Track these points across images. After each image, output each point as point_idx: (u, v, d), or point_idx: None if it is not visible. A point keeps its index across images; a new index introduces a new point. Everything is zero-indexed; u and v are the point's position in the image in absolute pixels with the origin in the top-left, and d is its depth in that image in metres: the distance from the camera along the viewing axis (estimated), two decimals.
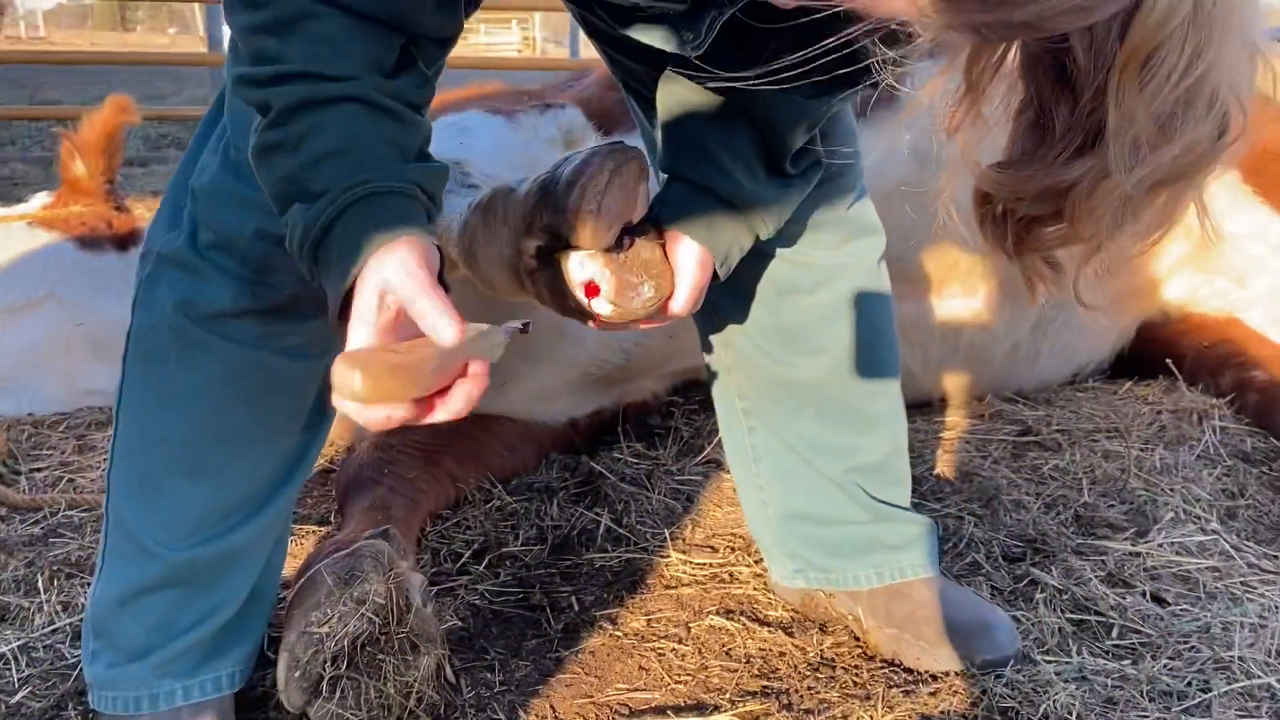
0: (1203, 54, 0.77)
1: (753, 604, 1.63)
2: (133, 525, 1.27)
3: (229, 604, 1.31)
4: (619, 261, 1.15)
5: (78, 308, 2.41)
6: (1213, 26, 0.77)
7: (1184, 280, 2.56)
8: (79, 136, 2.65)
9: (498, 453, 1.99)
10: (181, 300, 1.21)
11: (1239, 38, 0.79)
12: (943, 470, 2.08)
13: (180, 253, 1.22)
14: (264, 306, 1.21)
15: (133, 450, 1.27)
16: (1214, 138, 0.81)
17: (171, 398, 1.24)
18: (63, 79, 12.15)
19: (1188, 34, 0.76)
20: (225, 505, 1.27)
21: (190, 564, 1.26)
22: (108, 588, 1.29)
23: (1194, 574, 1.67)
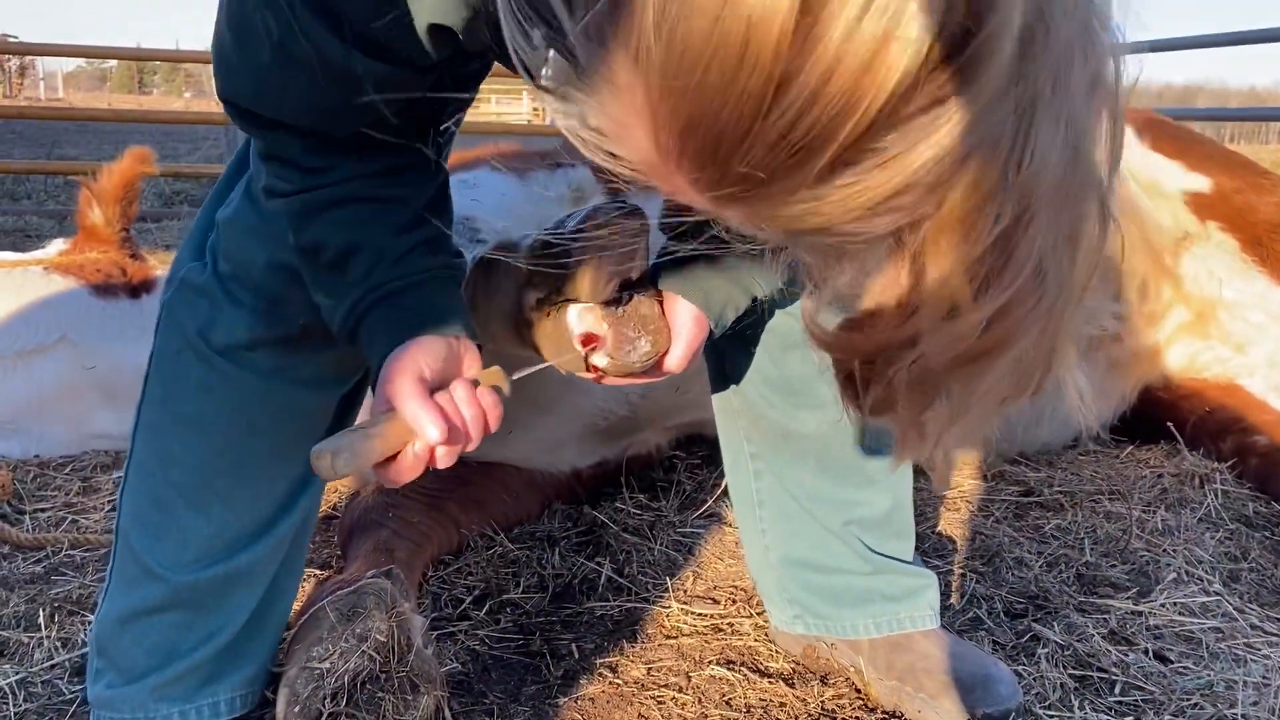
0: (1024, 217, 0.72)
1: (754, 655, 1.62)
2: (139, 546, 1.28)
3: (228, 626, 1.31)
4: (617, 316, 1.17)
5: (89, 352, 2.44)
6: (1037, 189, 0.71)
7: (1184, 347, 2.59)
8: (97, 185, 2.70)
9: (501, 500, 1.99)
10: (201, 328, 1.25)
11: (1072, 198, 0.74)
12: (945, 528, 2.08)
13: (201, 281, 1.26)
14: (278, 337, 1.24)
15: (145, 472, 1.29)
16: (1030, 303, 0.76)
17: (185, 422, 1.26)
18: (79, 137, 12.38)
19: (1006, 195, 0.71)
20: (231, 531, 1.28)
21: (192, 586, 1.27)
22: (111, 607, 1.31)
23: (1196, 634, 1.66)
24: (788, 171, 0.67)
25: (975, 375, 0.81)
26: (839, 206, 0.69)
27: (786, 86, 0.63)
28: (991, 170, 0.69)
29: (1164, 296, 2.57)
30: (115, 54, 8.97)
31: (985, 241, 0.72)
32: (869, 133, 0.65)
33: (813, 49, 0.62)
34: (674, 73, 0.65)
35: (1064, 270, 0.76)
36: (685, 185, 0.72)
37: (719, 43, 0.62)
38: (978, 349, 0.77)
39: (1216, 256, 2.58)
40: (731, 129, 0.65)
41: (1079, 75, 0.71)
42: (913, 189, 0.69)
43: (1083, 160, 0.74)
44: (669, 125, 0.68)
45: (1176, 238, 2.60)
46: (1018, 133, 0.69)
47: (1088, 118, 0.73)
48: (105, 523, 2.05)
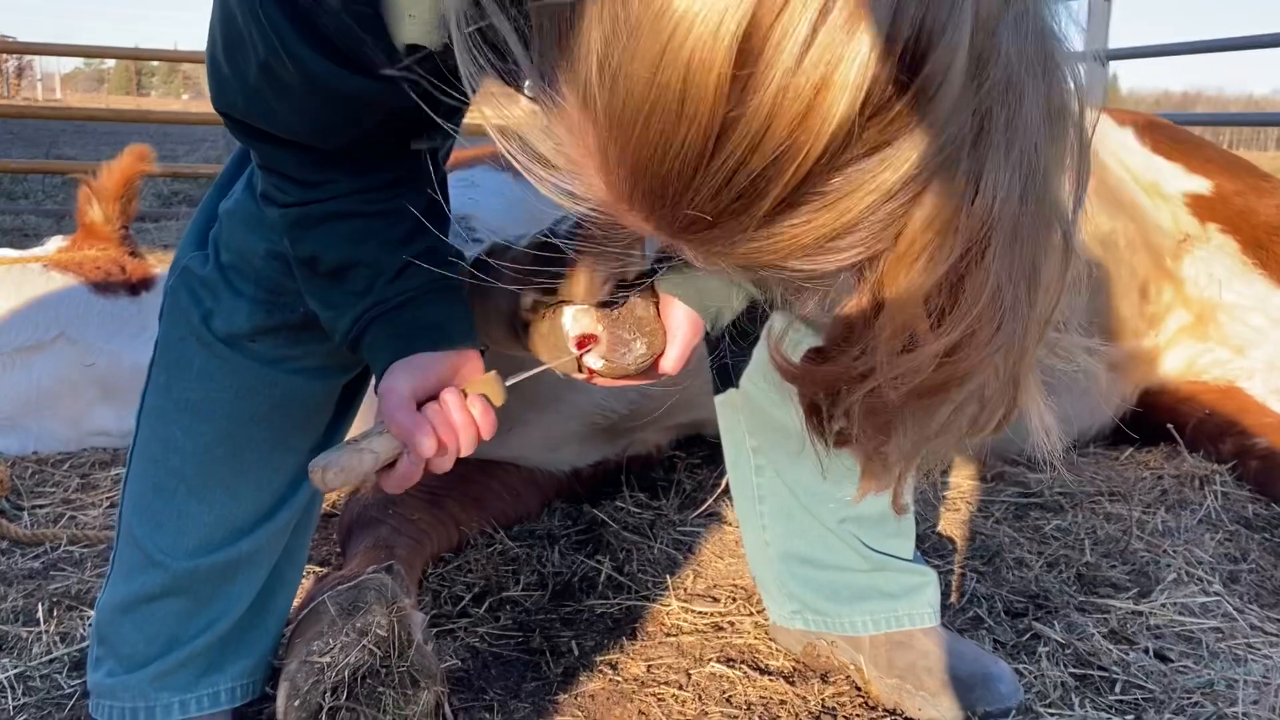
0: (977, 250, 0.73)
1: (754, 653, 1.62)
2: (140, 533, 1.28)
3: (229, 614, 1.31)
4: (613, 317, 1.18)
5: (88, 349, 2.44)
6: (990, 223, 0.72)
7: (1184, 349, 2.59)
8: (97, 183, 2.70)
9: (501, 498, 1.99)
10: (204, 315, 1.26)
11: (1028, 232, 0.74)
12: (945, 528, 2.08)
13: (204, 271, 1.26)
14: (279, 325, 1.24)
15: (147, 458, 1.29)
16: (986, 338, 0.76)
17: (188, 409, 1.26)
18: (77, 138, 12.37)
19: (959, 230, 0.71)
20: (232, 518, 1.28)
21: (192, 573, 1.27)
22: (113, 594, 1.30)
23: (1197, 633, 1.66)
24: (733, 214, 0.69)
25: (932, 409, 0.82)
26: (787, 245, 0.71)
27: (726, 136, 0.64)
28: (946, 205, 0.70)
29: (1164, 298, 2.57)
30: (113, 53, 8.98)
31: (939, 274, 0.73)
32: (810, 178, 0.66)
33: (749, 100, 0.63)
34: (618, 120, 0.67)
35: (1023, 304, 0.77)
36: (640, 223, 0.74)
37: (658, 94, 0.64)
38: (934, 382, 0.78)
39: (1217, 259, 2.59)
40: (675, 175, 0.67)
41: (1034, 108, 0.72)
42: (860, 228, 0.70)
43: (1041, 191, 0.75)
44: (618, 167, 0.70)
45: (1177, 240, 2.61)
46: (971, 167, 0.70)
47: (1049, 149, 0.74)
48: (104, 519, 2.04)
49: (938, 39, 0.64)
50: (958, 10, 0.64)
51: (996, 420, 0.84)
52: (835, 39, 0.61)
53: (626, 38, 0.64)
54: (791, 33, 0.61)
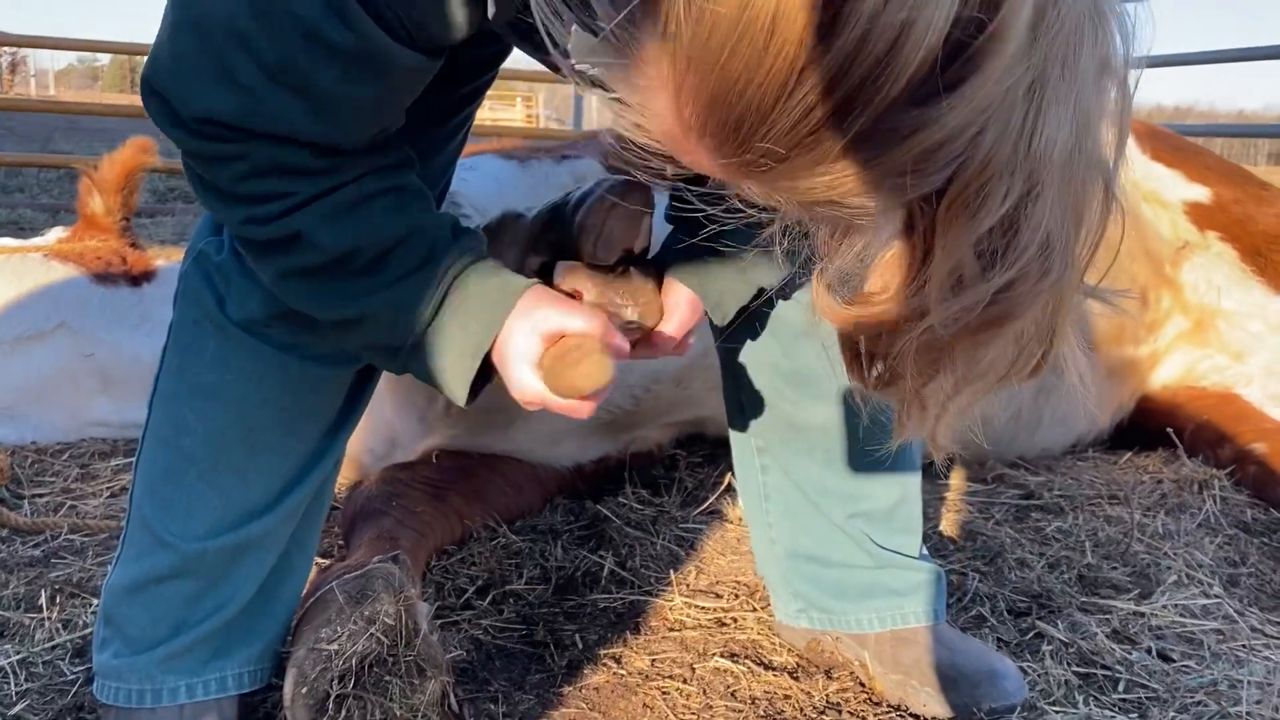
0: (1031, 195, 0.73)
1: (757, 648, 1.62)
2: (150, 514, 1.28)
3: (237, 598, 1.30)
4: (606, 280, 1.19)
5: (88, 339, 2.43)
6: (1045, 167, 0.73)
7: (1183, 355, 2.61)
8: (98, 174, 2.69)
9: (504, 492, 1.99)
10: (218, 300, 1.25)
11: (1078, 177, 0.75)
12: (946, 529, 2.08)
13: (219, 257, 1.26)
14: (292, 311, 1.23)
15: (159, 440, 1.29)
16: (1035, 278, 0.77)
17: (201, 392, 1.26)
18: (71, 133, 12.32)
19: (1015, 173, 0.72)
20: (242, 501, 1.28)
21: (200, 555, 1.27)
22: (122, 575, 1.30)
23: (1198, 635, 1.67)
24: (807, 149, 0.69)
25: (980, 347, 0.82)
26: (854, 181, 0.71)
27: (810, 70, 0.64)
28: (1002, 149, 0.71)
29: (1163, 305, 2.59)
30: (107, 48, 8.96)
31: (994, 217, 0.73)
32: (889, 112, 0.67)
33: (838, 34, 0.63)
34: (700, 52, 0.66)
35: (1070, 248, 0.78)
36: (705, 158, 0.74)
37: (746, 26, 0.64)
38: (984, 320, 0.79)
39: (1215, 266, 2.60)
40: (754, 109, 0.67)
41: (1088, 57, 0.72)
42: (925, 164, 0.70)
43: (1089, 141, 0.75)
44: (693, 101, 0.69)
45: (1176, 247, 2.62)
46: (1028, 112, 0.71)
47: (1096, 99, 0.75)
48: (104, 509, 2.04)
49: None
50: None
51: (1034, 363, 0.85)
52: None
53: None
54: None
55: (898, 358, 0.86)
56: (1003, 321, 0.79)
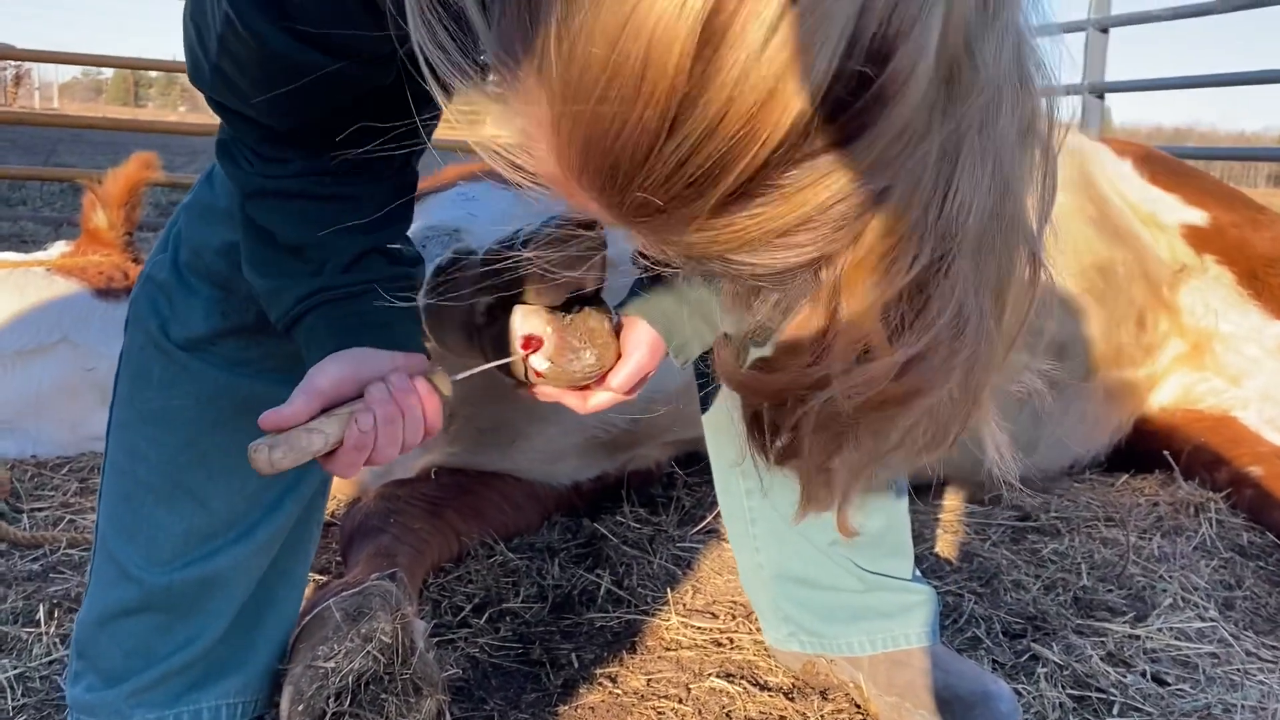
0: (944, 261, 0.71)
1: (753, 669, 1.62)
2: (114, 546, 1.26)
3: (208, 632, 1.28)
4: (564, 323, 1.18)
5: (90, 354, 2.44)
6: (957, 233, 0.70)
7: (1180, 378, 2.62)
8: (102, 189, 2.71)
9: (502, 510, 1.99)
10: (161, 324, 1.24)
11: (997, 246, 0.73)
12: (942, 550, 2.09)
13: (162, 276, 1.24)
14: (235, 327, 1.22)
15: (117, 470, 1.27)
16: (946, 352, 0.74)
17: (151, 418, 1.24)
18: (75, 147, 12.36)
19: (925, 237, 0.69)
20: (205, 529, 1.25)
21: (167, 588, 1.24)
22: (90, 608, 1.28)
23: (1193, 658, 1.67)
24: (684, 201, 0.66)
25: (886, 422, 0.79)
26: (738, 238, 0.69)
27: (683, 118, 0.62)
28: (910, 211, 0.69)
29: (1161, 328, 2.60)
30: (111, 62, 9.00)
31: (901, 283, 0.71)
32: (766, 168, 0.64)
33: (710, 82, 0.61)
34: (573, 94, 0.64)
35: (987, 320, 0.75)
36: (587, 203, 0.71)
37: (616, 69, 0.62)
38: (890, 394, 0.76)
39: (1213, 289, 2.61)
40: (628, 155, 0.65)
41: (1008, 120, 0.71)
42: (814, 225, 0.68)
43: (1010, 207, 0.73)
44: (570, 143, 0.67)
45: (1174, 270, 2.63)
46: (939, 175, 0.69)
47: (1017, 164, 0.73)
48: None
49: (903, 39, 0.62)
50: (926, 12, 0.63)
51: (950, 438, 0.82)
52: (804, 22, 0.60)
53: (588, 8, 0.62)
54: (758, 16, 0.59)
55: (798, 430, 0.82)
56: (911, 397, 0.76)
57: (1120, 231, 2.59)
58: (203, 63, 1.03)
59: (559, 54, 0.64)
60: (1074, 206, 2.52)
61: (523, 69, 0.68)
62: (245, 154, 1.09)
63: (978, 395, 0.80)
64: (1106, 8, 5.25)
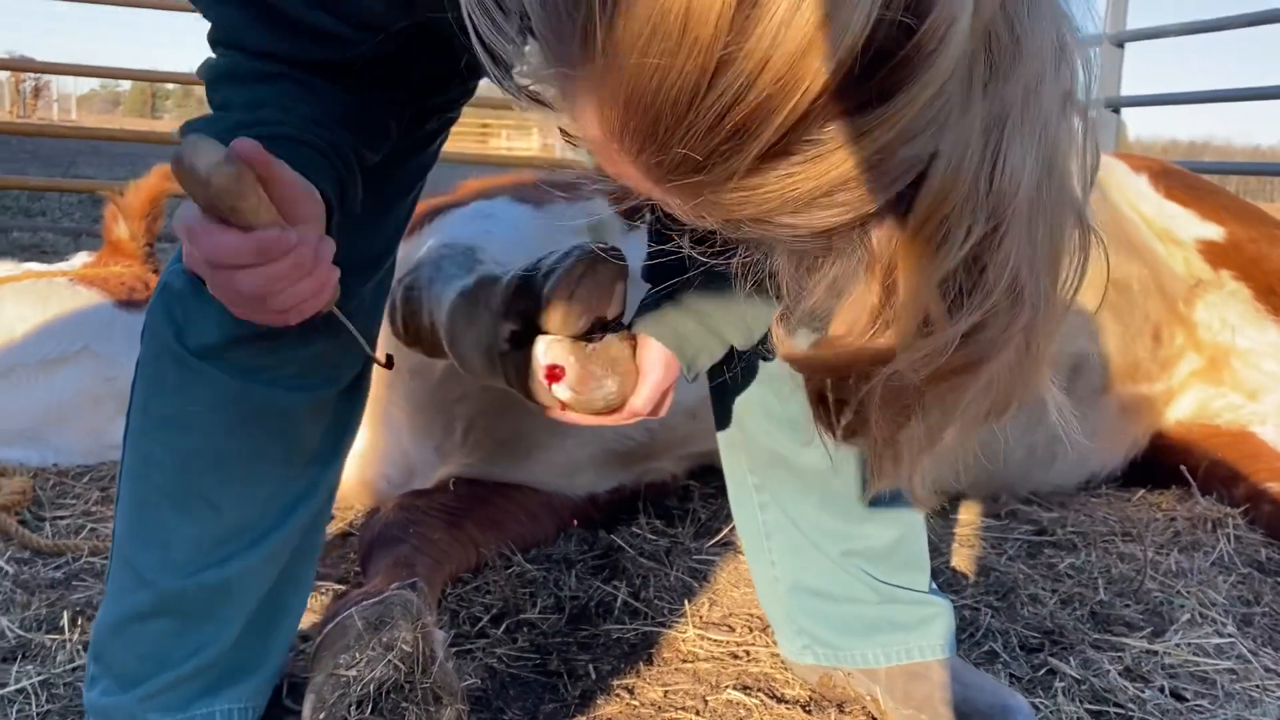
0: (997, 232, 0.72)
1: (770, 681, 1.63)
2: (129, 551, 1.27)
3: (220, 637, 1.28)
4: (585, 352, 1.19)
5: (111, 364, 2.46)
6: (1009, 202, 0.71)
7: (1196, 393, 2.61)
8: (124, 200, 2.74)
9: (519, 521, 2.00)
10: (177, 332, 1.24)
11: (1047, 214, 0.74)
12: (958, 563, 2.09)
13: (179, 283, 1.25)
14: (250, 334, 1.22)
15: (132, 476, 1.28)
16: (1005, 319, 0.75)
17: (165, 424, 1.25)
18: (94, 158, 12.47)
19: (978, 209, 0.70)
20: (217, 535, 1.26)
21: (180, 593, 1.25)
22: (107, 613, 1.29)
23: (1211, 674, 1.67)
24: (724, 156, 0.67)
25: (952, 392, 0.80)
26: (776, 196, 0.69)
27: (723, 69, 0.63)
28: (959, 181, 0.69)
29: (1177, 342, 2.60)
30: (128, 74, 9.08)
31: (957, 255, 0.72)
32: (804, 122, 0.65)
33: (750, 33, 0.62)
34: (616, 50, 0.65)
35: (1043, 287, 0.76)
36: (627, 165, 0.72)
37: (658, 22, 0.63)
38: (953, 365, 0.77)
39: (1229, 305, 2.61)
40: (669, 109, 0.66)
41: (1051, 89, 0.71)
42: (854, 185, 0.69)
43: (1057, 175, 0.74)
44: (612, 100, 0.68)
45: (1190, 285, 2.63)
46: (987, 145, 0.69)
47: (1061, 132, 0.74)
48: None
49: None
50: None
51: (1013, 405, 0.83)
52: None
53: None
54: None
55: (864, 405, 0.83)
56: (975, 366, 0.77)
57: (1136, 246, 2.59)
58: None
59: (603, 15, 0.65)
60: None
61: (571, 34, 0.69)
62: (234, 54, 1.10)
63: (1039, 360, 0.81)
64: (1122, 22, 5.26)
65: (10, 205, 7.61)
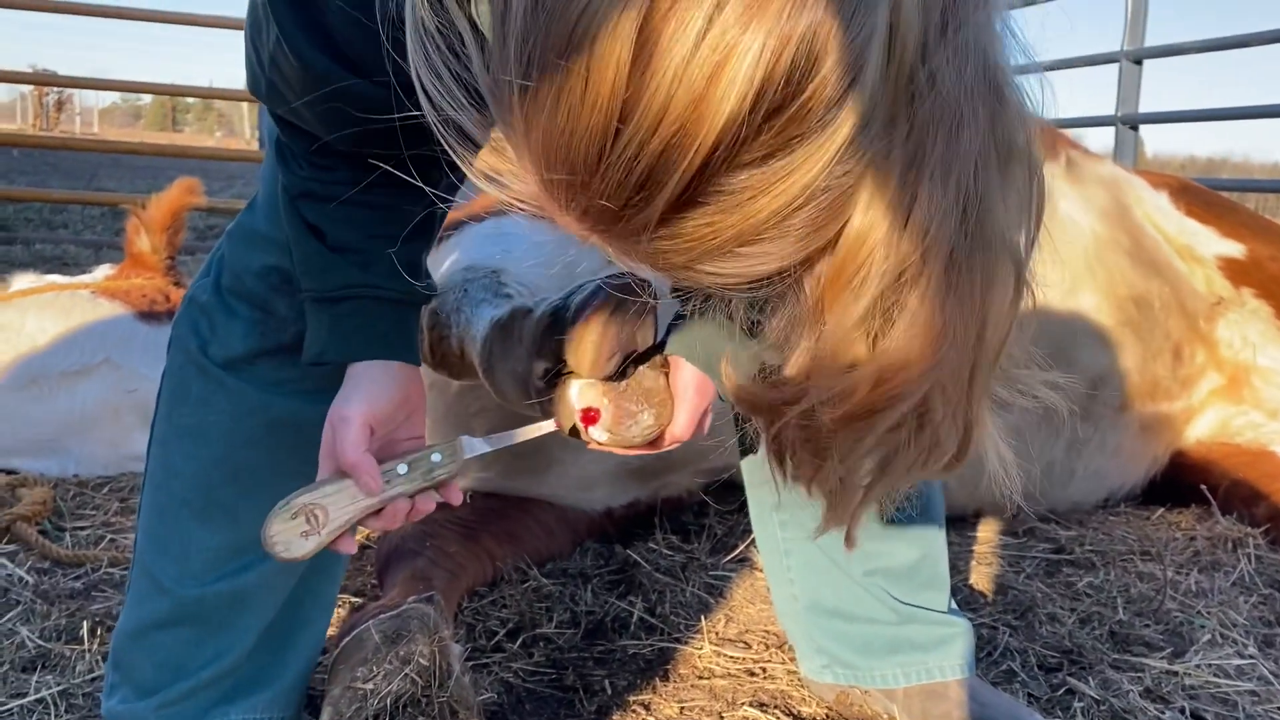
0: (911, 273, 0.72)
1: (786, 699, 1.62)
2: (149, 559, 1.29)
3: (236, 647, 1.30)
4: (619, 390, 1.18)
5: (132, 375, 2.48)
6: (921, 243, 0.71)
7: (1217, 411, 2.60)
8: (146, 213, 2.76)
9: (536, 535, 2.00)
10: (201, 343, 1.27)
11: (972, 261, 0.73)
12: (977, 582, 2.08)
13: (204, 298, 1.28)
14: (273, 347, 1.25)
15: (154, 485, 1.30)
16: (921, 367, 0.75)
17: (186, 434, 1.27)
18: (115, 171, 12.58)
19: (892, 251, 0.71)
20: (235, 544, 1.27)
21: (198, 602, 1.27)
22: (126, 621, 1.31)
23: (1232, 695, 1.65)
24: (638, 206, 0.69)
25: (861, 434, 0.80)
26: (697, 245, 0.71)
27: (625, 121, 0.66)
28: (875, 226, 0.70)
29: (1197, 360, 2.58)
30: (149, 88, 9.18)
31: (869, 296, 0.72)
32: (706, 173, 0.67)
33: (647, 85, 0.65)
34: (533, 106, 0.69)
35: (968, 334, 0.75)
36: (559, 215, 0.75)
37: (565, 76, 0.66)
38: (864, 406, 0.77)
39: (1250, 323, 2.60)
40: (582, 160, 0.68)
41: (974, 136, 0.71)
42: (767, 235, 0.70)
43: (988, 225, 0.74)
44: (536, 154, 0.71)
45: (1210, 302, 2.62)
46: (905, 191, 0.70)
47: (994, 182, 0.73)
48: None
49: (835, 46, 0.65)
50: (862, 19, 0.65)
51: (949, 455, 0.83)
52: (729, 32, 0.63)
53: (542, 26, 0.67)
54: (688, 24, 0.63)
55: (781, 442, 0.84)
56: (882, 408, 0.77)
57: (1156, 263, 2.58)
58: (260, 77, 1.07)
59: (518, 66, 0.69)
60: (1109, 238, 2.52)
61: (502, 92, 0.72)
62: (298, 159, 1.12)
63: (969, 410, 0.80)
64: (1140, 39, 5.25)
65: (33, 218, 7.68)
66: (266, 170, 1.27)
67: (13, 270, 3.05)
